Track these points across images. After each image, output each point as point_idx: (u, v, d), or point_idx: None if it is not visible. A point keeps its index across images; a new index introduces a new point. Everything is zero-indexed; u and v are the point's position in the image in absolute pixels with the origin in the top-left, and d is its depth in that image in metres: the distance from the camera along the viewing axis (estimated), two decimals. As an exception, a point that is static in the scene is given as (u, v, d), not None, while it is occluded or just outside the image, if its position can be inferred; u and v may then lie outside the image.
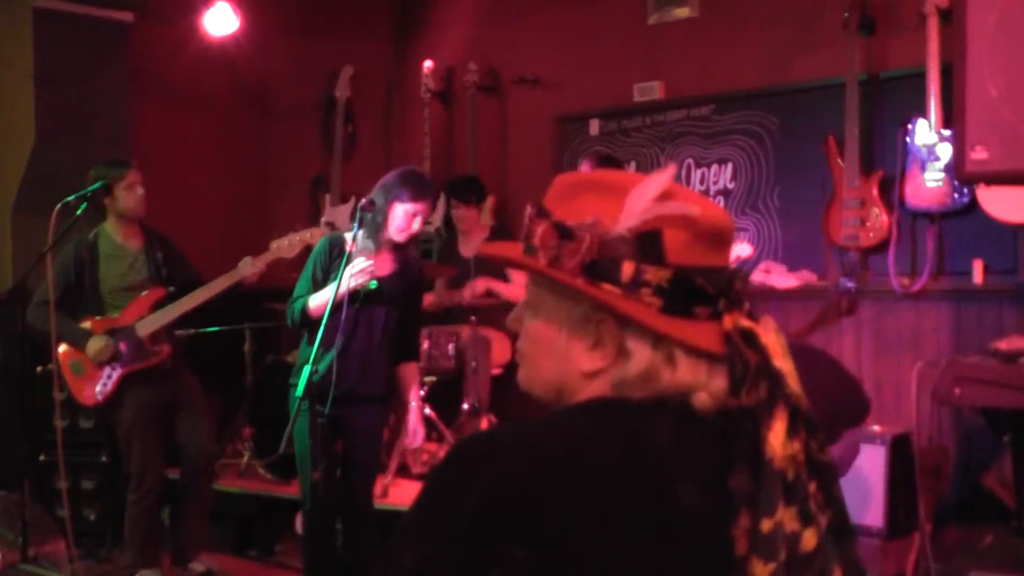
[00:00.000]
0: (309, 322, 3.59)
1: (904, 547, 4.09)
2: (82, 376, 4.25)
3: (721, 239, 1.10)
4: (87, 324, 4.24)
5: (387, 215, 3.58)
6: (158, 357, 4.27)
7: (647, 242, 1.06)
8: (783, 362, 1.08)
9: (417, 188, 3.60)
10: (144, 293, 4.29)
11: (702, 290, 1.07)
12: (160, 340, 4.28)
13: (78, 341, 4.20)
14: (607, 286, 1.06)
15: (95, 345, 4.17)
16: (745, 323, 1.08)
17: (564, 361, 1.11)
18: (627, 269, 1.06)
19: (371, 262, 3.54)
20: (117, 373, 4.22)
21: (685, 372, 1.07)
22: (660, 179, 1.08)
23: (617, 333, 1.08)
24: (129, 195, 4.25)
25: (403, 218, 3.59)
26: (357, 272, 3.50)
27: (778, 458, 1.04)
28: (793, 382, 1.07)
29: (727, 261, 1.11)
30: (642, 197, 1.06)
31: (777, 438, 1.05)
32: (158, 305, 4.28)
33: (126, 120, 5.60)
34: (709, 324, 1.08)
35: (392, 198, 3.57)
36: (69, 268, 4.23)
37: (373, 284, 3.58)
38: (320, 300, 3.56)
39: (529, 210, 1.12)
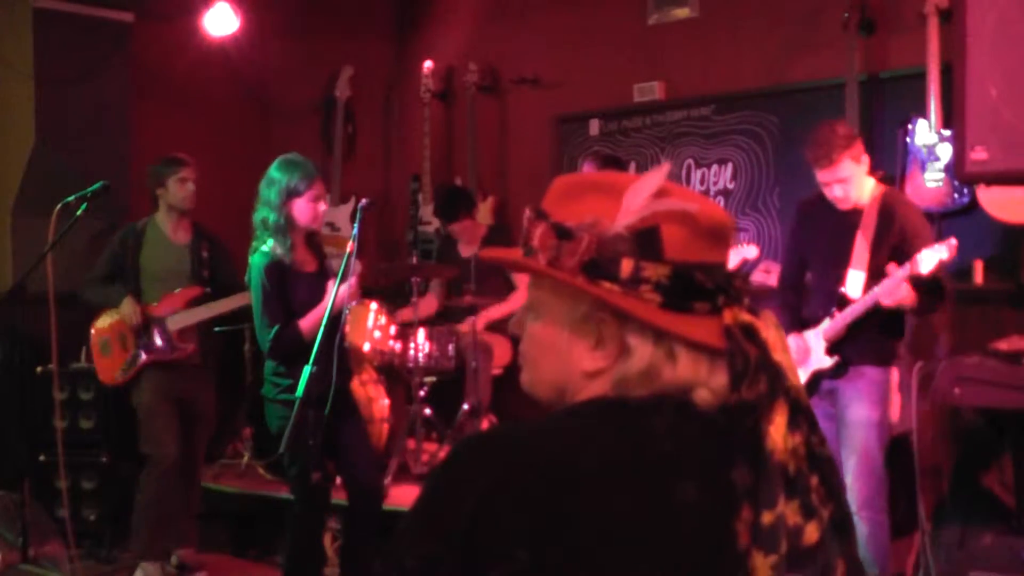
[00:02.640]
0: (305, 344, 3.48)
1: (904, 547, 4.09)
2: (108, 356, 4.43)
3: (719, 235, 1.10)
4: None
5: (291, 212, 3.50)
6: (181, 353, 4.39)
7: (645, 239, 1.06)
8: (783, 356, 1.08)
9: (307, 171, 3.54)
10: (180, 289, 4.39)
11: (701, 285, 1.07)
12: (187, 337, 4.39)
13: (115, 301, 4.36)
14: (607, 284, 1.07)
15: (127, 306, 4.32)
16: (745, 317, 1.09)
17: (566, 362, 1.11)
18: (626, 266, 1.06)
19: (357, 273, 3.53)
20: (141, 360, 4.36)
21: (686, 368, 1.07)
22: (656, 177, 1.08)
23: (618, 331, 1.08)
24: (179, 187, 4.42)
25: (309, 207, 3.54)
26: (354, 292, 3.50)
27: (779, 451, 1.05)
28: (793, 376, 1.08)
29: (726, 257, 1.11)
30: (638, 195, 1.07)
31: (778, 431, 1.05)
32: (193, 303, 4.38)
33: (126, 120, 5.60)
34: (709, 319, 1.08)
35: (290, 193, 3.49)
36: (115, 254, 4.42)
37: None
38: (311, 321, 3.50)
39: (528, 213, 1.13)
